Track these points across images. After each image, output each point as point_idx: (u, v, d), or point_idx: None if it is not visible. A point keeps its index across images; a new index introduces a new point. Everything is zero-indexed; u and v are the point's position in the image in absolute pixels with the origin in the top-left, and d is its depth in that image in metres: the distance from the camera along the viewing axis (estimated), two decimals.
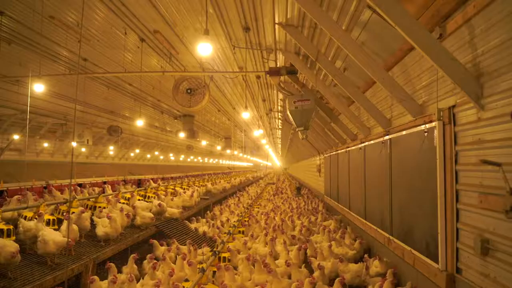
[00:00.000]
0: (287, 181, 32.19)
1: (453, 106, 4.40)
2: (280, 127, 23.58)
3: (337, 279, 5.40)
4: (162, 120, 24.80)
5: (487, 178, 3.77)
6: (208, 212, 11.79)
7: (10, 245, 4.51)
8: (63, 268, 5.02)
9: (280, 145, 37.14)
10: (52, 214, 7.20)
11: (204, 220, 10.76)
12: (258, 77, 11.36)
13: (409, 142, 5.64)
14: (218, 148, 26.73)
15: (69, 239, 5.51)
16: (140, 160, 29.31)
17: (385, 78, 5.49)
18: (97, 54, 11.29)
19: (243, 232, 9.27)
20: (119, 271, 5.64)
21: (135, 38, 9.52)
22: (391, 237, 6.45)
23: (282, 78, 9.87)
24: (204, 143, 21.74)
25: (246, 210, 12.64)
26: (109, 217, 6.62)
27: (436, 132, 4.59)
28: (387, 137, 6.65)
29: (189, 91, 10.43)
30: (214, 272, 5.87)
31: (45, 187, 8.61)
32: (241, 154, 35.11)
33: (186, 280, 5.64)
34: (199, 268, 5.64)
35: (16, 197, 6.76)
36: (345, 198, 10.87)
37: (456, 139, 4.37)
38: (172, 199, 10.72)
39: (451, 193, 4.38)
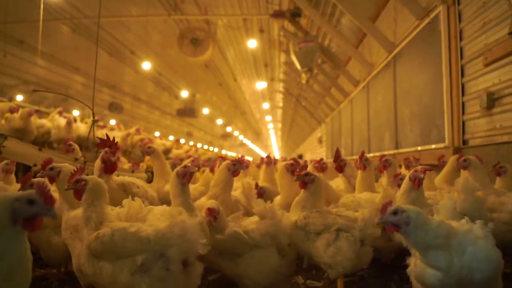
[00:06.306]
0: None
1: None
2: (281, 105, 23.77)
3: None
4: (163, 101, 24.90)
5: (491, 35, 3.95)
6: None
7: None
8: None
9: (280, 132, 37.33)
10: None
11: None
12: (261, 30, 11.53)
13: (414, 46, 5.82)
14: (219, 122, 26.79)
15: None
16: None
17: None
18: (102, 11, 11.39)
19: None
20: None
21: None
22: (395, 151, 6.64)
23: (285, 25, 10.07)
24: (206, 111, 21.78)
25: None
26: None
27: (441, 15, 4.77)
28: (390, 57, 6.83)
29: (194, 41, 10.60)
30: None
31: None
32: (241, 137, 35.25)
33: None
34: None
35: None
36: (348, 148, 11.07)
37: (460, 16, 4.56)
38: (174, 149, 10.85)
39: (456, 69, 4.57)
